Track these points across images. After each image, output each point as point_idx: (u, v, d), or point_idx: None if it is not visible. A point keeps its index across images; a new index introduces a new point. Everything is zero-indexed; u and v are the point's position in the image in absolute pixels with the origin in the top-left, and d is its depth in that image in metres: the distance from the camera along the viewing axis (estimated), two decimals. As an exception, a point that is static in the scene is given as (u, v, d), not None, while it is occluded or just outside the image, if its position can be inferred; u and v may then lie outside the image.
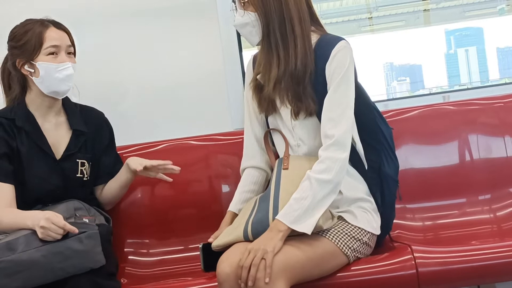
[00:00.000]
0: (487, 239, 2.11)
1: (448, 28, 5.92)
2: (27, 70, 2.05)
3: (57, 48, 2.04)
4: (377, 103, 2.08)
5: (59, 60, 2.03)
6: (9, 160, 2.02)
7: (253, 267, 1.66)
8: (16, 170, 2.03)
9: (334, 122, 1.83)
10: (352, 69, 1.89)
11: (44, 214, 1.80)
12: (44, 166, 2.06)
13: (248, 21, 1.91)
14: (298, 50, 1.88)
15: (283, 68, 1.89)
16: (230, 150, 2.38)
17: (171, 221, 2.34)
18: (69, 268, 1.76)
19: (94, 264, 1.80)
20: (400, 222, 2.21)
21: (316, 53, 1.90)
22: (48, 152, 2.07)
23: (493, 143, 2.34)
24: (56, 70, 2.02)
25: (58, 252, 1.76)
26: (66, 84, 2.05)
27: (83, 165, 2.12)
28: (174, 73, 2.59)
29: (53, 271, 1.76)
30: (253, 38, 1.94)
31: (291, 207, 1.76)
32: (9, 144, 2.03)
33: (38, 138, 2.07)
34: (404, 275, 1.80)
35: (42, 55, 2.02)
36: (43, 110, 2.11)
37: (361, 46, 4.88)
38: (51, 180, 2.05)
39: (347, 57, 1.87)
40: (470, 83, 5.96)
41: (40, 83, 2.04)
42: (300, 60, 1.87)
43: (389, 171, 1.98)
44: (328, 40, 1.91)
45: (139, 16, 2.60)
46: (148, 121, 2.60)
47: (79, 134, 2.14)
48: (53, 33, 2.04)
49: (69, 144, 2.11)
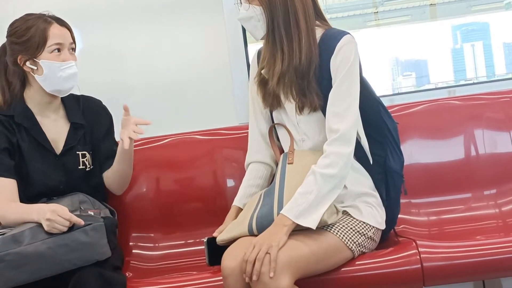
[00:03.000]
0: (492, 234, 2.10)
1: (455, 23, 5.88)
2: (29, 67, 2.03)
3: (61, 45, 2.02)
4: (382, 98, 2.07)
5: (62, 58, 2.02)
6: (10, 155, 2.02)
7: (258, 261, 1.66)
8: (18, 166, 2.03)
9: (339, 116, 1.83)
10: (357, 64, 1.88)
11: (49, 207, 1.81)
12: (46, 162, 2.06)
13: (252, 14, 1.90)
14: (302, 44, 1.87)
15: (287, 62, 1.88)
16: (235, 144, 2.38)
17: (176, 215, 2.35)
18: (75, 260, 1.77)
19: (100, 256, 1.81)
20: (405, 217, 2.20)
21: (321, 48, 1.90)
22: (48, 148, 2.07)
23: (499, 138, 2.34)
24: (60, 68, 2.01)
25: (64, 244, 1.77)
26: (70, 83, 2.04)
27: (84, 156, 2.12)
28: (179, 68, 2.60)
29: (59, 263, 1.77)
30: (257, 32, 1.93)
31: (296, 202, 1.76)
32: (9, 140, 2.03)
33: (38, 134, 2.07)
34: (409, 270, 1.80)
35: (46, 53, 2.00)
36: (42, 107, 2.10)
37: (367, 41, 4.86)
38: (53, 175, 2.06)
39: (352, 51, 1.87)
40: (476, 78, 5.94)
41: (43, 81, 2.03)
42: (304, 54, 1.87)
43: (394, 165, 1.98)
44: (333, 35, 1.91)
45: (143, 11, 2.61)
46: (153, 116, 2.58)
47: (77, 127, 2.13)
48: (57, 30, 2.02)
49: (67, 137, 2.11)
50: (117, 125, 2.23)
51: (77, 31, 2.14)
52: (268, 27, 1.89)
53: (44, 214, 1.79)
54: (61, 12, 2.12)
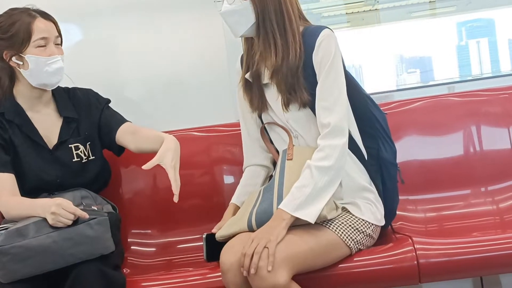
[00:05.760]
0: (489, 231, 2.09)
1: (459, 20, 5.86)
2: (15, 62, 2.02)
3: (46, 40, 2.01)
4: (382, 94, 2.07)
5: (48, 52, 2.01)
6: (5, 150, 2.02)
7: (256, 255, 1.66)
8: (13, 162, 2.03)
9: (328, 110, 1.83)
10: (339, 56, 1.88)
11: (54, 201, 1.82)
12: (39, 158, 2.06)
13: (237, 9, 1.88)
14: (296, 39, 1.87)
15: (280, 56, 1.88)
16: (232, 141, 2.37)
17: (174, 212, 2.34)
18: (79, 253, 1.78)
19: (104, 250, 1.82)
20: (402, 213, 2.20)
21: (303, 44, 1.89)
22: (41, 143, 2.07)
23: (498, 134, 2.33)
24: (46, 63, 2.00)
25: (68, 238, 1.77)
26: (56, 77, 2.04)
27: (77, 148, 2.11)
28: (176, 64, 2.60)
29: (64, 257, 1.77)
30: (238, 27, 1.91)
31: (293, 196, 1.76)
32: (2, 136, 2.03)
33: (29, 131, 2.06)
34: (405, 267, 1.80)
35: (31, 48, 2.00)
36: (32, 102, 2.09)
37: (371, 38, 4.86)
38: (48, 170, 2.06)
39: (332, 44, 1.87)
40: (481, 75, 5.88)
41: (29, 76, 2.02)
42: (294, 50, 1.87)
43: (387, 155, 1.98)
44: (312, 31, 1.91)
45: (141, 8, 2.61)
46: (150, 112, 2.61)
47: (69, 120, 2.13)
48: (42, 24, 2.01)
49: (60, 132, 2.10)
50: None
51: (76, 27, 2.15)
52: (258, 21, 1.88)
53: (49, 208, 1.80)
54: (61, 8, 2.15)
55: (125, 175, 2.40)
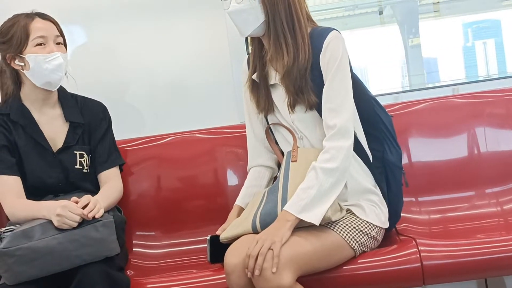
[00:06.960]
0: (493, 233, 2.09)
1: (465, 21, 5.83)
2: (17, 64, 2.04)
3: (44, 38, 2.02)
4: (386, 96, 2.06)
5: (47, 50, 2.02)
6: (10, 153, 2.03)
7: (260, 257, 1.66)
8: (17, 164, 2.03)
9: (335, 112, 1.83)
10: (346, 58, 1.87)
11: (60, 203, 1.83)
12: (43, 160, 2.06)
13: (245, 8, 1.87)
14: (306, 40, 1.87)
15: (292, 56, 1.87)
16: (236, 143, 2.38)
17: (178, 214, 2.35)
18: (85, 255, 1.78)
19: (109, 252, 1.83)
20: (407, 215, 2.20)
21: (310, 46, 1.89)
22: (45, 145, 2.08)
23: (502, 136, 2.32)
24: (45, 60, 2.01)
25: (74, 239, 1.78)
26: (57, 74, 2.03)
27: (82, 156, 2.12)
28: (180, 66, 2.61)
29: (69, 259, 1.78)
30: (246, 27, 1.90)
31: (298, 197, 1.76)
32: (7, 137, 2.04)
33: (34, 132, 2.07)
34: (409, 269, 1.80)
35: (30, 47, 2.01)
36: (38, 104, 2.10)
37: (376, 40, 4.84)
38: (51, 173, 2.06)
39: (340, 46, 1.86)
40: (488, 76, 5.86)
41: (32, 76, 2.04)
42: (303, 50, 1.87)
43: (392, 158, 1.98)
44: (319, 32, 1.90)
45: (144, 9, 2.62)
46: (154, 114, 2.62)
47: (76, 126, 2.13)
48: (39, 24, 2.03)
49: (67, 136, 2.11)
50: (118, 122, 2.25)
51: (80, 29, 2.15)
52: (268, 21, 1.87)
53: (55, 210, 1.80)
54: (65, 11, 2.16)
55: (130, 177, 2.39)
